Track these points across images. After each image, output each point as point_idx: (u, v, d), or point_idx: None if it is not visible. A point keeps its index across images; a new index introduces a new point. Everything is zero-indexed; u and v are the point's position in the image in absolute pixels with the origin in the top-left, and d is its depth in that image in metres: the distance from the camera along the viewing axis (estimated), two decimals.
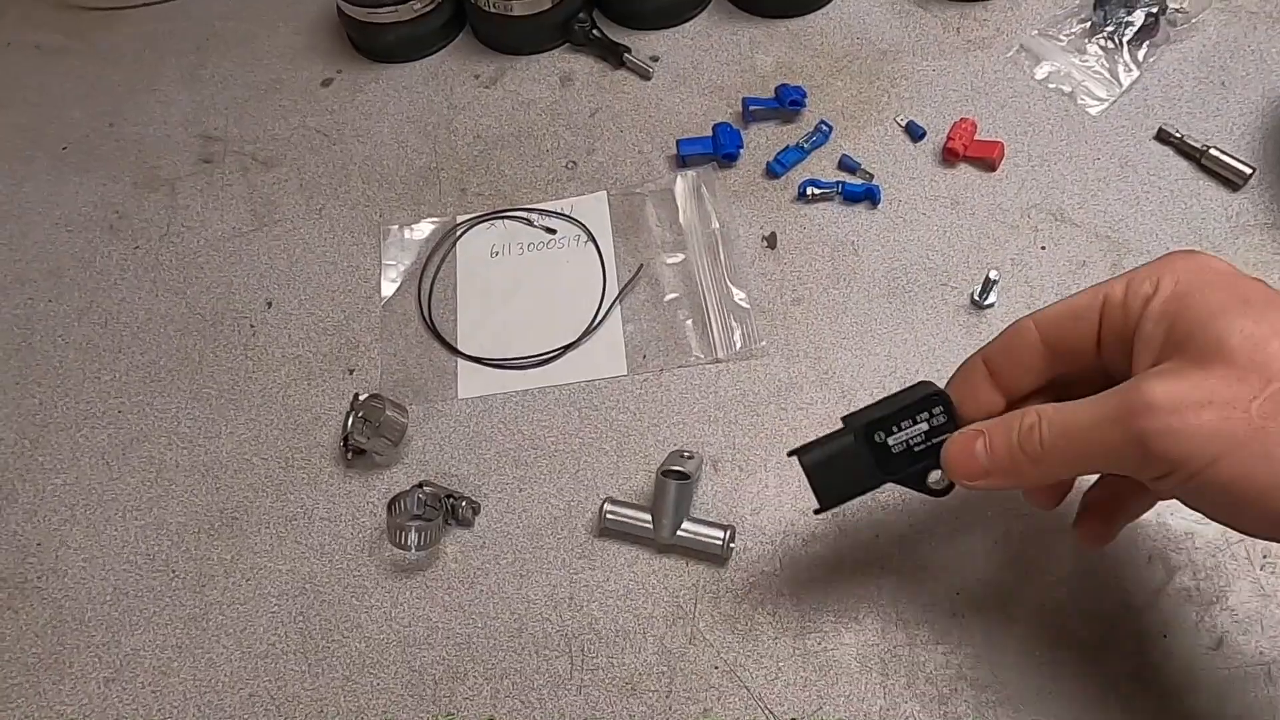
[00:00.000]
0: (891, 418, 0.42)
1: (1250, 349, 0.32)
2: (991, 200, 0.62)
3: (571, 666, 0.50)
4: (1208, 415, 0.32)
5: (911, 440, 0.42)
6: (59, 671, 0.53)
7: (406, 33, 0.71)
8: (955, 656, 0.48)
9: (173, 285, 0.65)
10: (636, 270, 0.62)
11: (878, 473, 0.42)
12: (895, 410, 0.42)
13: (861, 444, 0.42)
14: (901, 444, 0.42)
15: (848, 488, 0.43)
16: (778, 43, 0.71)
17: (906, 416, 0.42)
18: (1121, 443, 0.34)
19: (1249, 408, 0.32)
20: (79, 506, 0.58)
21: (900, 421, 0.42)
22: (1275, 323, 0.33)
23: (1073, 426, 0.36)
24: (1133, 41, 0.66)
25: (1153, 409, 0.33)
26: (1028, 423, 0.37)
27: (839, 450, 0.43)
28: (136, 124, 0.73)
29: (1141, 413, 0.33)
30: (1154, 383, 0.33)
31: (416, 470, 0.57)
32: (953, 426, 0.41)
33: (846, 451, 0.42)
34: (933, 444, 0.42)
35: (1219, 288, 0.35)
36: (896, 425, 0.42)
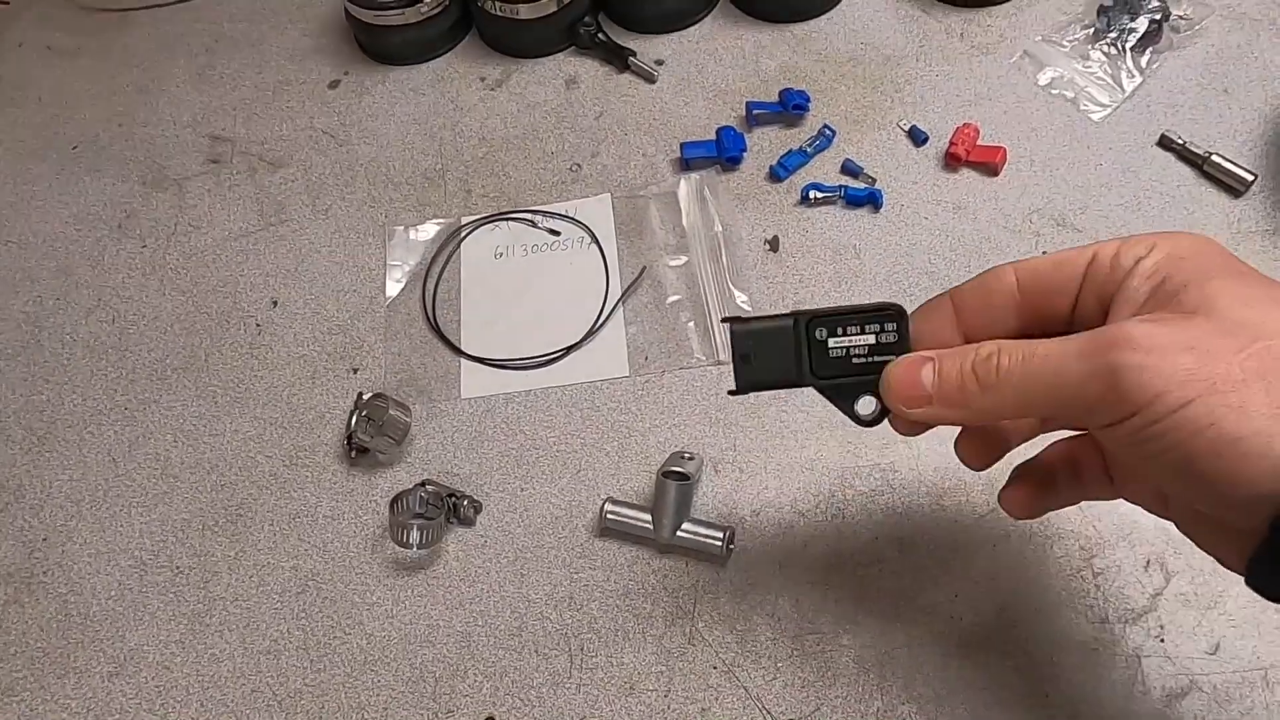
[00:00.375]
0: (839, 318, 0.39)
1: (1241, 307, 0.31)
2: (994, 205, 0.62)
3: (571, 665, 0.51)
4: (1187, 359, 0.30)
5: (853, 349, 0.39)
6: (64, 665, 0.53)
7: (413, 35, 0.72)
8: (953, 659, 0.49)
9: (180, 284, 0.66)
10: (639, 272, 0.62)
11: (807, 371, 0.39)
12: (845, 311, 0.39)
13: (800, 334, 0.39)
14: (841, 349, 0.39)
15: (770, 375, 0.40)
16: (782, 47, 0.71)
17: (854, 321, 0.39)
18: (1088, 376, 0.32)
19: (1232, 360, 0.30)
20: (85, 502, 0.58)
21: (847, 325, 0.39)
22: (1265, 290, 0.32)
23: (1035, 356, 0.34)
24: (1136, 48, 0.66)
25: (1131, 343, 0.31)
26: (985, 351, 0.35)
27: (773, 330, 0.40)
28: (146, 124, 0.74)
29: (1119, 345, 0.31)
30: (1134, 323, 0.32)
31: (419, 469, 0.57)
32: (902, 348, 0.38)
33: (781, 335, 0.39)
34: (873, 361, 0.39)
35: (1215, 257, 0.33)
36: (841, 328, 0.39)
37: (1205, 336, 0.31)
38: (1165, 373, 0.30)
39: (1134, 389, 0.30)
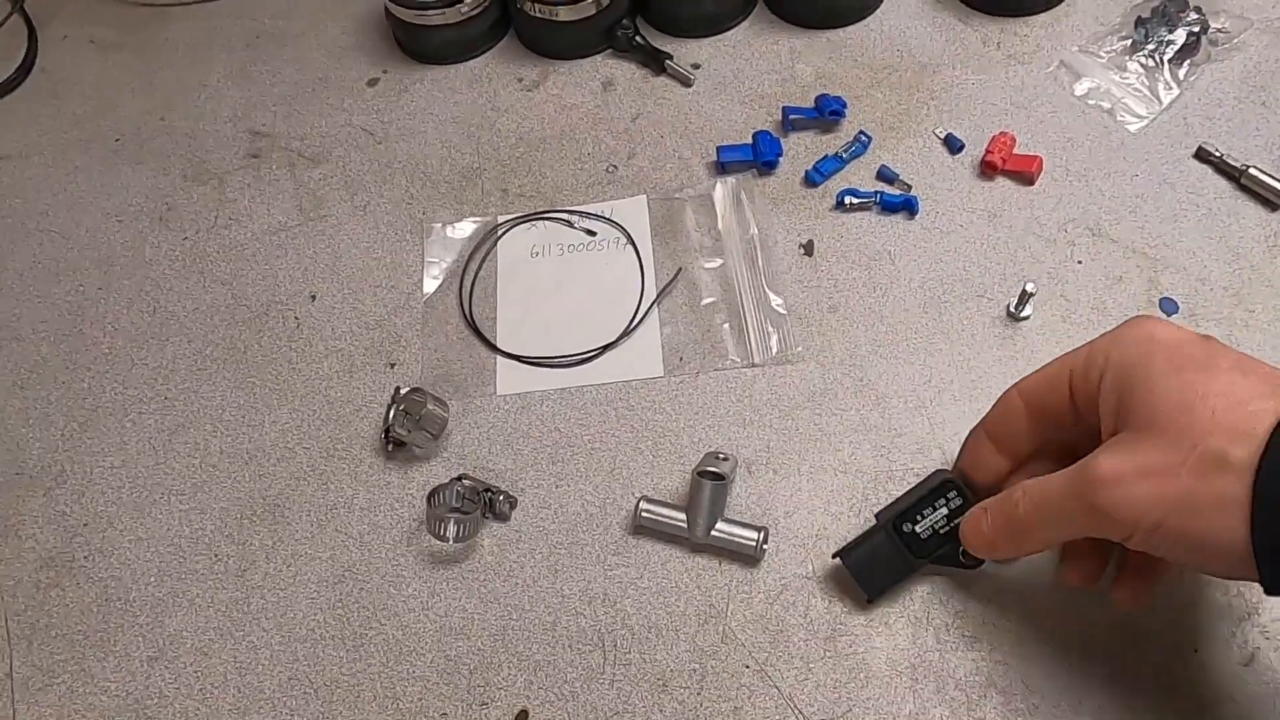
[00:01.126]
0: (914, 509, 0.49)
1: (1177, 414, 0.37)
2: (1029, 214, 0.62)
3: (604, 661, 0.51)
4: (1146, 485, 0.37)
5: (936, 525, 0.49)
6: (104, 649, 0.54)
7: (453, 35, 0.73)
8: (985, 664, 0.49)
9: (220, 276, 0.67)
10: (675, 273, 0.63)
11: (911, 558, 0.49)
12: (915, 501, 0.49)
13: (893, 536, 0.49)
14: (928, 530, 0.49)
15: (889, 577, 0.50)
16: (818, 53, 0.71)
17: (926, 505, 0.49)
18: (1083, 512, 0.39)
19: (1179, 473, 0.36)
20: (125, 489, 0.59)
21: (922, 510, 0.49)
22: (1203, 385, 0.37)
23: (1044, 501, 0.41)
24: (1173, 60, 0.66)
25: (1102, 482, 0.38)
26: (1014, 498, 0.43)
27: (875, 546, 0.50)
28: (187, 118, 0.75)
29: (1093, 486, 0.38)
30: (1102, 458, 0.38)
31: (455, 464, 0.58)
32: (969, 508, 0.47)
33: (882, 546, 0.50)
34: (954, 525, 0.48)
35: (1159, 356, 0.38)
36: (919, 514, 0.49)
37: (1156, 456, 0.37)
38: (1136, 503, 0.37)
39: (1119, 520, 0.38)
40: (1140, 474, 0.37)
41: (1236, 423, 0.35)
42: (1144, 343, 0.39)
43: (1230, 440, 0.35)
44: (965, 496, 0.49)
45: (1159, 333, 0.39)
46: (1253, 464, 0.35)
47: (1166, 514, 0.36)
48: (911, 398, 0.57)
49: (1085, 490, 0.38)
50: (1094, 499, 0.38)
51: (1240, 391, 0.36)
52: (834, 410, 0.57)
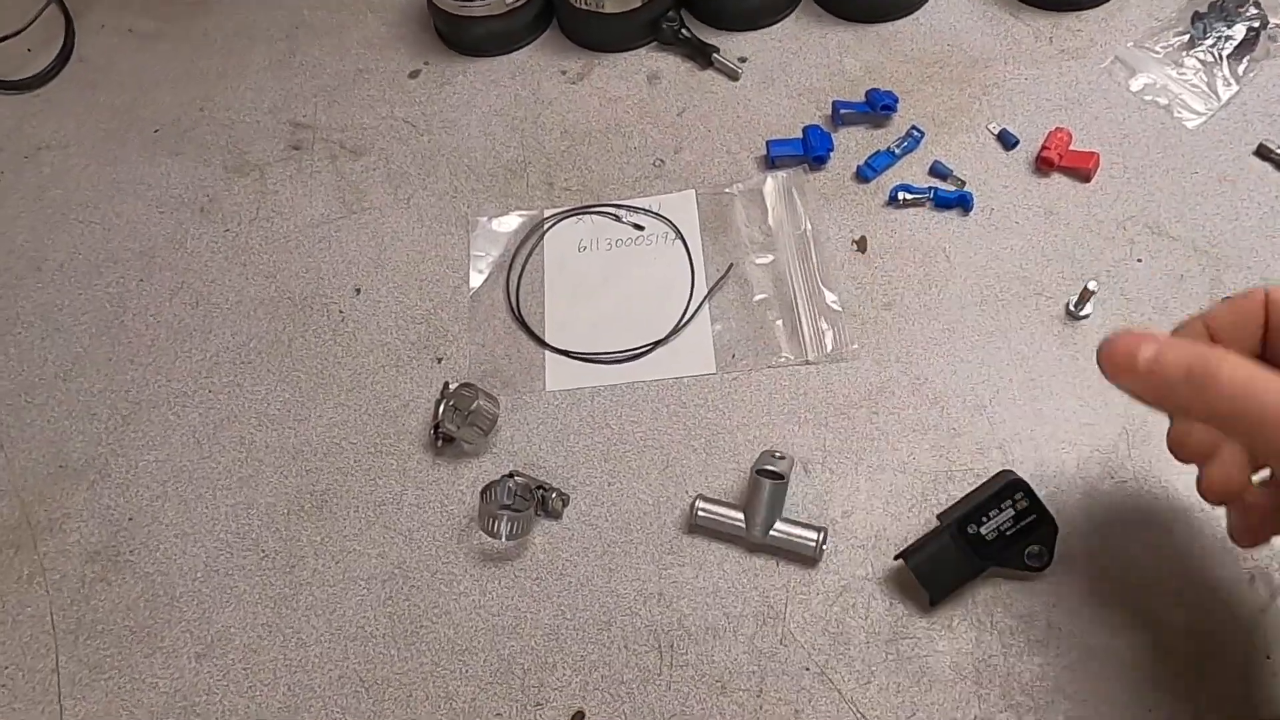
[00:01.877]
0: (979, 510, 0.48)
1: None
2: (1086, 211, 0.61)
3: (661, 662, 0.50)
4: None
5: (1002, 526, 0.48)
6: (151, 645, 0.53)
7: (496, 27, 0.72)
8: (1052, 669, 0.48)
9: (263, 269, 0.66)
10: (726, 269, 0.62)
11: (977, 560, 0.48)
12: (981, 502, 0.48)
13: (958, 538, 0.48)
14: (993, 531, 0.48)
15: (953, 579, 0.49)
16: (866, 47, 0.70)
17: (992, 506, 0.48)
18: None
19: None
20: (170, 483, 0.58)
21: (988, 512, 0.48)
22: None
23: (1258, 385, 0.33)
24: (1232, 56, 0.65)
25: None
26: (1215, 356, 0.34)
27: (939, 548, 0.49)
28: (227, 109, 0.74)
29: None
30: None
31: (505, 460, 0.57)
32: (1037, 508, 0.48)
33: (946, 548, 0.49)
34: (1020, 526, 0.48)
35: None
36: (985, 516, 0.48)
37: None
38: None
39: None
40: None
41: None
42: None
43: None
44: (1033, 498, 0.48)
45: None
46: None
47: None
48: (970, 397, 0.56)
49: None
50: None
51: None
52: (891, 409, 0.56)
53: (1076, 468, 0.53)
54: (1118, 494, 0.52)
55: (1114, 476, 0.52)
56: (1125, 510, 0.51)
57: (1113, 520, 0.51)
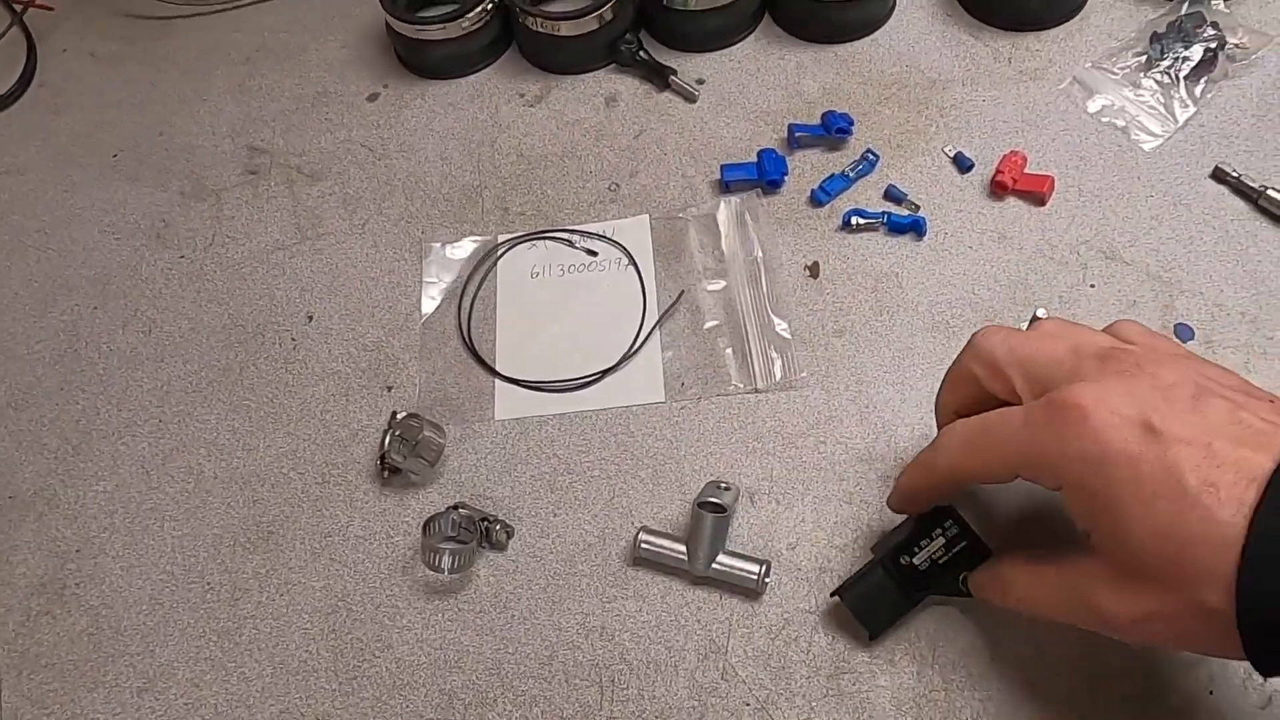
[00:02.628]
0: (910, 540, 0.47)
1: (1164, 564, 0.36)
2: (1040, 235, 0.61)
3: (602, 697, 0.50)
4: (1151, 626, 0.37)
5: (934, 555, 0.47)
6: (94, 679, 0.53)
7: (454, 50, 0.72)
8: (992, 704, 0.48)
9: (216, 296, 0.66)
10: (677, 296, 0.61)
11: (913, 592, 0.48)
12: (911, 532, 0.48)
13: (891, 570, 0.48)
14: (925, 561, 0.47)
15: (891, 613, 0.48)
16: (825, 68, 0.70)
17: (923, 535, 0.47)
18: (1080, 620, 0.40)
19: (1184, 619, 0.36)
20: (118, 514, 0.58)
21: (919, 541, 0.47)
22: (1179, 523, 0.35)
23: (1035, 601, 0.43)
24: (1189, 77, 0.64)
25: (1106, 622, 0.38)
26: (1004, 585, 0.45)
27: (874, 582, 0.48)
28: (186, 133, 0.74)
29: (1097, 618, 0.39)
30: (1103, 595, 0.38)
31: (452, 491, 0.57)
32: (965, 533, 0.47)
33: (880, 581, 0.48)
34: (953, 554, 0.47)
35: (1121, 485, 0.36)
36: (916, 545, 0.47)
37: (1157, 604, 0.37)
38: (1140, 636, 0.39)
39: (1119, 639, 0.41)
40: (1145, 618, 0.37)
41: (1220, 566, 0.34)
42: (1099, 462, 0.36)
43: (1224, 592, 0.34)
44: (961, 524, 0.48)
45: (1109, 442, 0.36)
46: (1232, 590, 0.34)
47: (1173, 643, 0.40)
48: (919, 425, 0.55)
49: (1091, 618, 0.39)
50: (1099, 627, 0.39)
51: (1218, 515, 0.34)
52: (839, 439, 0.56)
53: (1026, 496, 0.52)
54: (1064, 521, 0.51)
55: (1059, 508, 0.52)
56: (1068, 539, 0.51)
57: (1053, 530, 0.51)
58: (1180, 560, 0.35)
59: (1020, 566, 0.44)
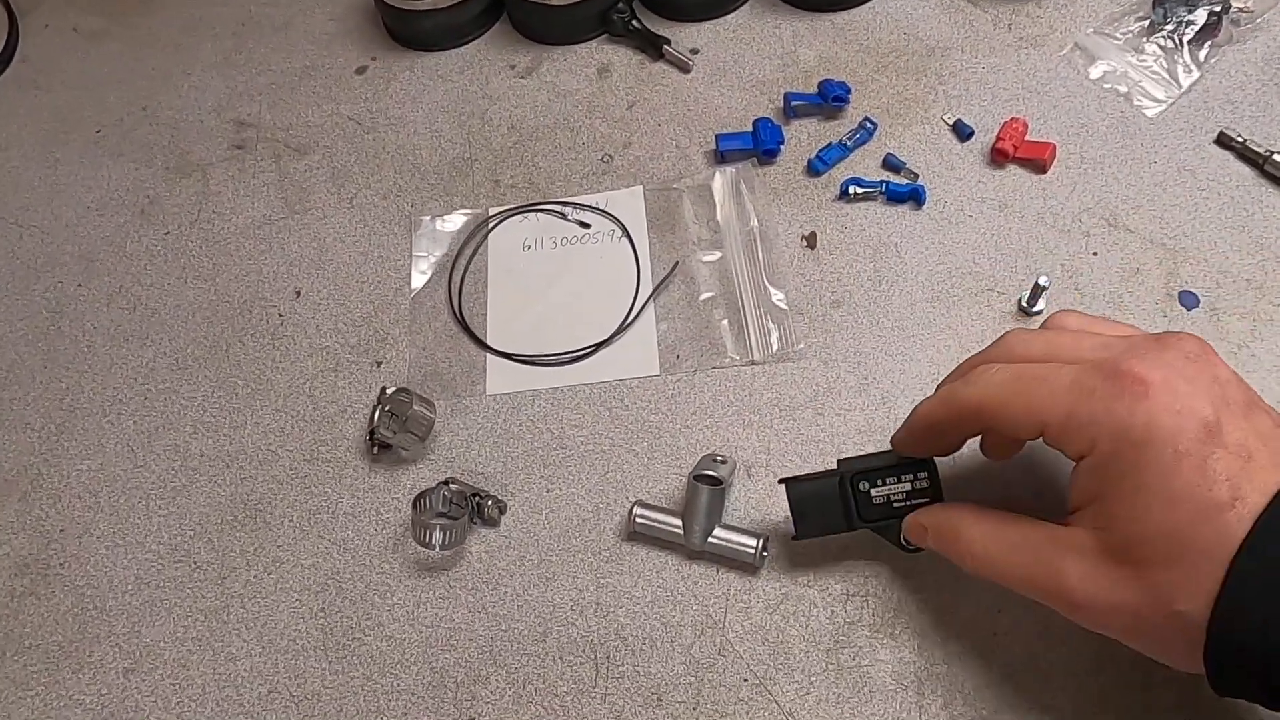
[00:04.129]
0: (878, 471, 0.47)
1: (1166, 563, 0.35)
2: (1041, 203, 0.60)
3: (596, 674, 0.49)
4: (1116, 618, 0.37)
5: (892, 495, 0.46)
6: (79, 660, 0.52)
7: (443, 20, 0.70)
8: (994, 676, 0.47)
9: (202, 272, 0.64)
10: (672, 267, 0.60)
11: (855, 518, 0.47)
12: (883, 465, 0.47)
13: (846, 487, 0.47)
14: (882, 497, 0.46)
15: (826, 524, 0.47)
16: (821, 37, 0.69)
17: (892, 474, 0.46)
18: (1043, 593, 0.39)
19: (1153, 619, 0.36)
20: (103, 494, 0.57)
21: (885, 477, 0.46)
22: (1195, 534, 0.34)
23: (995, 562, 0.41)
24: (1193, 41, 0.63)
25: (1071, 600, 0.38)
26: (963, 543, 0.42)
27: (824, 488, 0.47)
28: (171, 109, 0.73)
29: (1062, 594, 0.38)
30: (1072, 568, 0.37)
31: (443, 467, 0.55)
32: (933, 491, 0.46)
33: (830, 491, 0.47)
34: (911, 504, 0.46)
35: (1155, 470, 0.35)
36: (881, 479, 0.46)
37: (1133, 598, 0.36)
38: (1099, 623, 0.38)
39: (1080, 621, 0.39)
40: (1113, 606, 0.36)
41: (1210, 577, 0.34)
42: (1142, 443, 0.35)
43: (1204, 602, 0.34)
44: (934, 482, 0.46)
45: (1160, 427, 0.35)
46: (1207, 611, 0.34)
47: (1127, 637, 0.38)
48: (918, 396, 0.53)
49: (1051, 588, 0.38)
50: (1056, 599, 0.38)
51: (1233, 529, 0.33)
52: (837, 410, 0.54)
53: (1024, 470, 0.51)
54: None
55: (1062, 479, 0.51)
56: None
57: None
58: (1178, 562, 0.34)
59: (977, 517, 0.42)
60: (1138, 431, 0.35)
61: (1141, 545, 0.35)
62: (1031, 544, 0.39)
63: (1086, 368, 0.37)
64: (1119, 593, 0.36)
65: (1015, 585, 0.40)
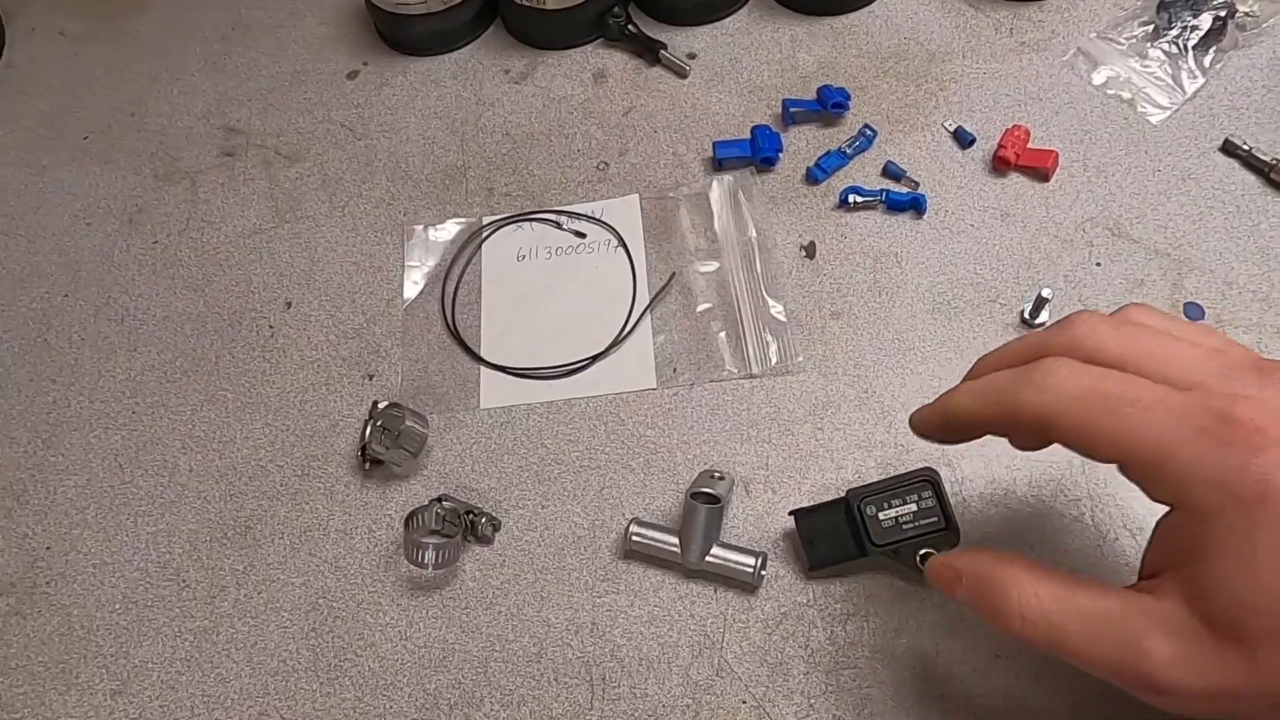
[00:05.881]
0: (883, 495, 0.46)
1: (1273, 643, 0.30)
2: (1044, 212, 0.59)
3: (592, 695, 0.48)
4: (1207, 705, 0.31)
5: (900, 518, 0.46)
6: (66, 682, 0.51)
7: (436, 25, 0.69)
8: (998, 700, 0.46)
9: (191, 282, 0.63)
10: (668, 278, 0.59)
11: (868, 544, 0.46)
12: (887, 489, 0.46)
13: (853, 514, 0.46)
14: (890, 520, 0.46)
15: (838, 553, 0.47)
16: (820, 41, 0.68)
17: (898, 495, 0.46)
18: (1118, 674, 0.33)
19: (1252, 702, 0.31)
20: (90, 510, 0.56)
21: (891, 500, 0.46)
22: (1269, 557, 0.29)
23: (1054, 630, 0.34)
24: (1198, 47, 0.62)
25: (1157, 686, 0.32)
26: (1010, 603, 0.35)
27: (832, 518, 0.47)
28: (159, 114, 0.71)
29: (1145, 680, 0.32)
30: (1162, 650, 0.31)
31: (436, 483, 0.54)
32: (942, 510, 0.46)
33: (837, 519, 0.47)
34: (919, 525, 0.46)
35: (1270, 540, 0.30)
36: (888, 502, 0.46)
37: (1231, 680, 0.31)
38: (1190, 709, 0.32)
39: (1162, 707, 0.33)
40: (1209, 695, 0.31)
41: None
42: (1255, 501, 0.30)
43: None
44: (941, 499, 0.46)
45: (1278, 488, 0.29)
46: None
47: None
48: None
49: (1131, 669, 0.32)
50: (1134, 682, 0.32)
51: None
52: (837, 424, 0.54)
53: (1028, 486, 0.50)
54: (1067, 515, 0.49)
55: (1066, 494, 0.50)
56: (1071, 536, 0.49)
57: (1056, 546, 0.49)
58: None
59: (1033, 574, 0.35)
60: (1251, 488, 0.30)
61: (1251, 619, 0.30)
62: (1108, 615, 0.33)
63: (1189, 402, 0.31)
64: (1219, 676, 0.31)
65: (1080, 660, 0.33)
